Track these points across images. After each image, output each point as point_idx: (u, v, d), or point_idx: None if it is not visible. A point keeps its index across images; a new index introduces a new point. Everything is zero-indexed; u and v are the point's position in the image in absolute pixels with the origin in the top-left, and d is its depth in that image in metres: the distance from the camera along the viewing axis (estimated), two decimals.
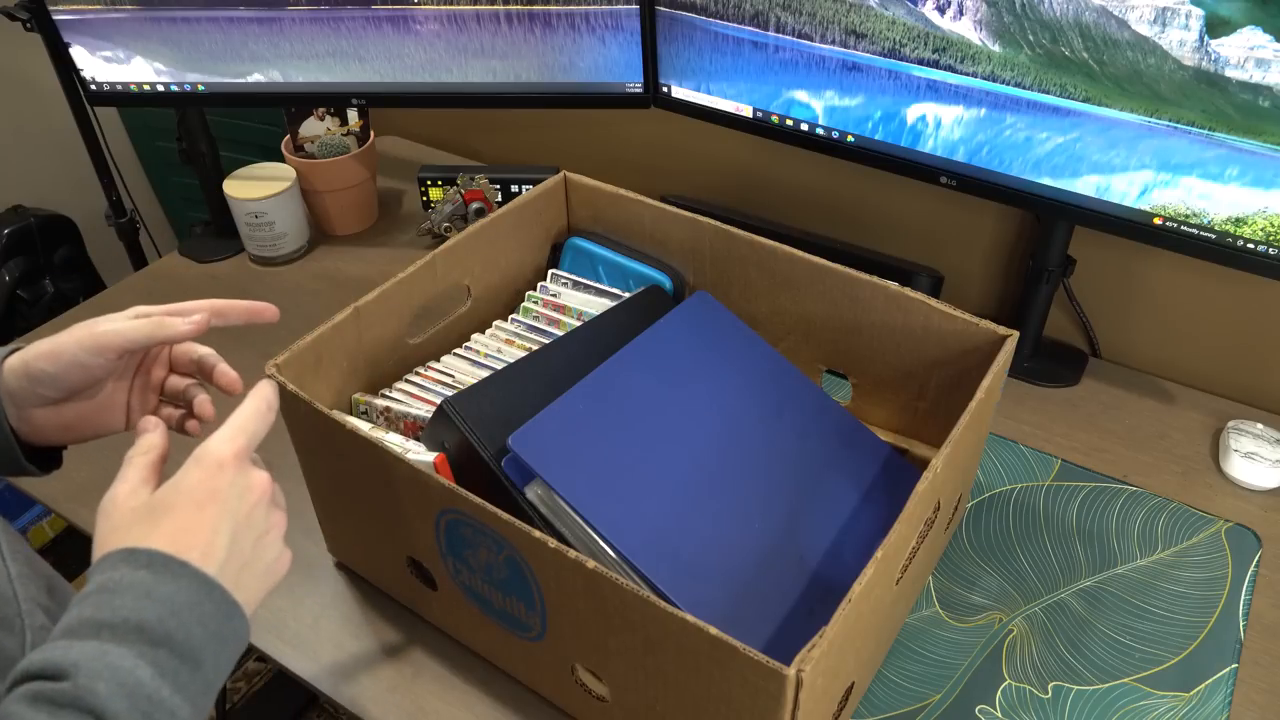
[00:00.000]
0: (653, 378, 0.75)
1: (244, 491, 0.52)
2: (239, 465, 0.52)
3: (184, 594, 0.47)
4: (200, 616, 0.47)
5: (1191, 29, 0.76)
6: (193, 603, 0.47)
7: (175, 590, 0.46)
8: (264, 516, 0.53)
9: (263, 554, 0.53)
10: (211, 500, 0.50)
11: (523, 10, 1.05)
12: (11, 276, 1.64)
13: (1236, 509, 0.89)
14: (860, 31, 0.91)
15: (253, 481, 0.53)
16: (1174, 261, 0.99)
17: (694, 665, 0.57)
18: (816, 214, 1.21)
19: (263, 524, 0.53)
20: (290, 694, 1.58)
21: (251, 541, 0.52)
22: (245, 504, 0.52)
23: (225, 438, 0.53)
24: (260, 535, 0.53)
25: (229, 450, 0.52)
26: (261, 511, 0.53)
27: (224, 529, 0.50)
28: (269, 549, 0.53)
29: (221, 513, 0.50)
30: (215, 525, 0.50)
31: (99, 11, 1.08)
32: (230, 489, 0.51)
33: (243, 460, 0.53)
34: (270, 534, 0.53)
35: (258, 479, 0.53)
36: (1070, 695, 0.74)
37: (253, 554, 0.52)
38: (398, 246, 1.26)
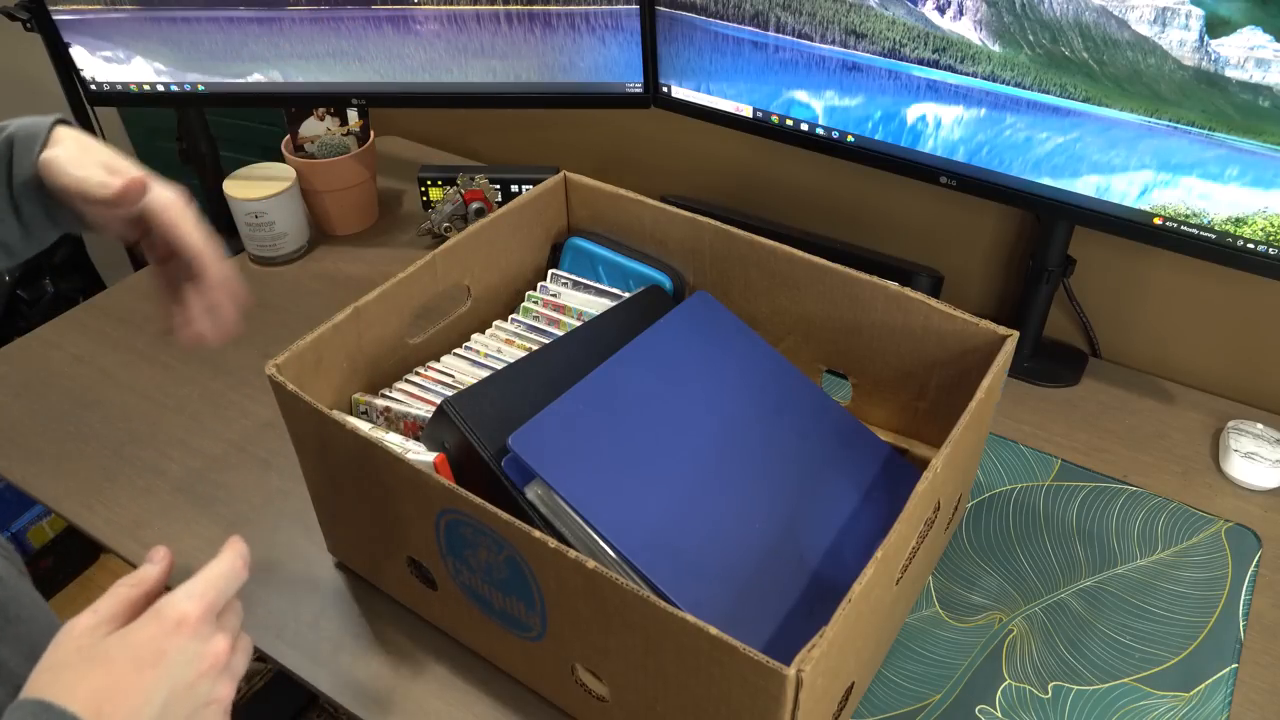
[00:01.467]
0: (653, 378, 0.75)
1: (194, 658, 0.49)
2: (197, 628, 0.49)
3: None
4: None
5: (1191, 29, 0.76)
6: None
7: None
8: (209, 688, 0.50)
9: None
10: (155, 662, 0.47)
11: (523, 10, 1.05)
12: (11, 276, 1.64)
13: (1236, 509, 0.89)
14: (860, 31, 0.91)
15: (206, 650, 0.49)
16: (1174, 261, 0.99)
17: (694, 665, 0.57)
18: (816, 214, 1.21)
19: (205, 695, 0.50)
20: (290, 694, 1.58)
21: (185, 714, 0.49)
22: (191, 672, 0.49)
23: (194, 593, 0.50)
24: (199, 707, 0.49)
25: (193, 609, 0.49)
26: (207, 683, 0.50)
27: (158, 698, 0.47)
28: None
29: (161, 677, 0.47)
30: (150, 693, 0.47)
31: (99, 11, 1.08)
32: (181, 653, 0.48)
33: (204, 623, 0.50)
34: (211, 707, 0.50)
35: (213, 647, 0.50)
36: (1070, 695, 0.74)
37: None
38: (398, 246, 1.26)
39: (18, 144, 0.65)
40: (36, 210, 0.67)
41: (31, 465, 0.95)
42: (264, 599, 0.82)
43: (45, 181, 0.65)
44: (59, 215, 0.68)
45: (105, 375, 1.06)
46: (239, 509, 0.90)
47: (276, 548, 0.87)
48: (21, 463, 0.95)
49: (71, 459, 0.96)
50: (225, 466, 0.95)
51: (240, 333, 0.71)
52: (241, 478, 0.93)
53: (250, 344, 1.10)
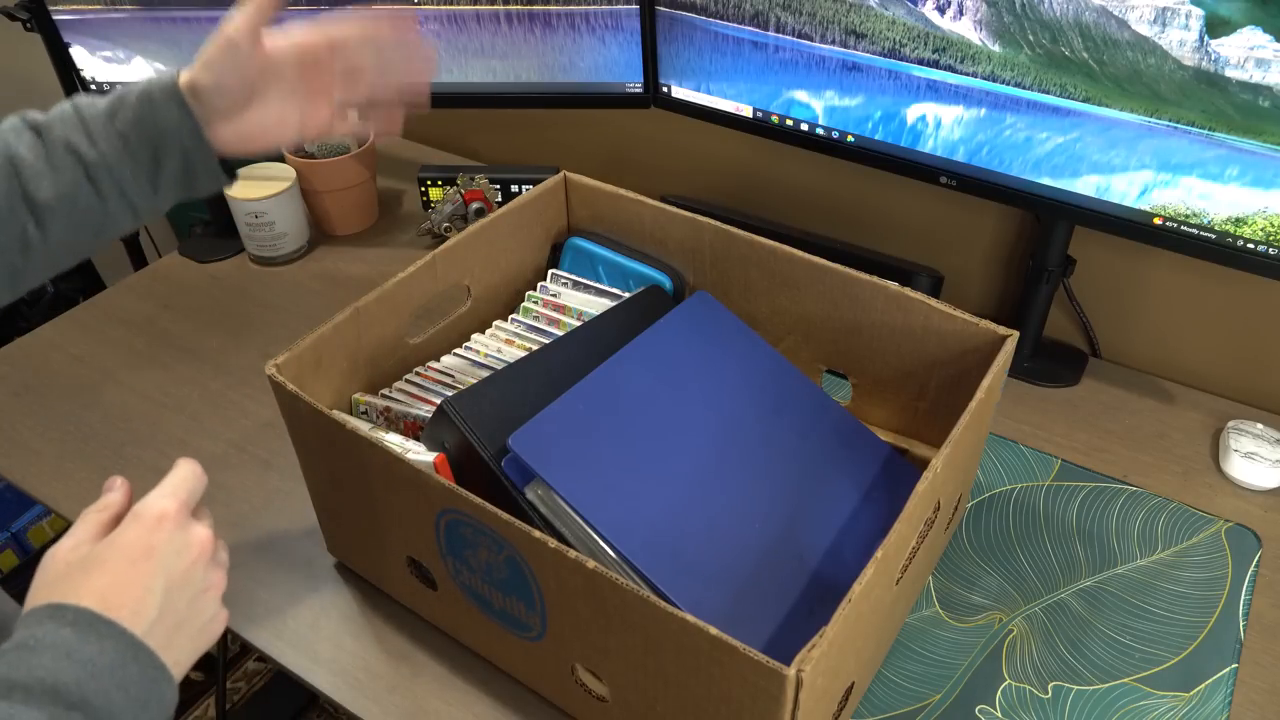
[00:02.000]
0: (653, 378, 0.75)
1: (182, 548, 0.51)
2: (179, 521, 0.51)
3: (107, 655, 0.45)
4: (122, 681, 0.45)
5: (1191, 29, 0.76)
6: (116, 665, 0.45)
7: (98, 651, 0.45)
8: (202, 575, 0.52)
9: (197, 614, 0.51)
10: (147, 556, 0.49)
11: (523, 10, 1.05)
12: None
13: (1236, 509, 0.89)
14: (860, 31, 0.91)
15: (192, 538, 0.51)
16: (1174, 261, 0.99)
17: (694, 665, 0.57)
18: (816, 214, 1.21)
19: (200, 582, 0.51)
20: (290, 694, 1.58)
21: (187, 600, 0.50)
22: (183, 561, 0.50)
23: (165, 493, 0.52)
24: (197, 594, 0.51)
25: (170, 504, 0.51)
26: (200, 570, 0.51)
27: (157, 586, 0.49)
28: (205, 608, 0.52)
29: (156, 569, 0.49)
30: (149, 583, 0.48)
31: (99, 11, 1.08)
32: (168, 545, 0.50)
33: (183, 515, 0.52)
34: (208, 593, 0.52)
35: (198, 535, 0.52)
36: (1070, 695, 0.74)
37: (187, 613, 0.50)
38: (398, 246, 1.26)
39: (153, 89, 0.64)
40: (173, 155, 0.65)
41: (31, 465, 0.95)
42: (264, 599, 0.82)
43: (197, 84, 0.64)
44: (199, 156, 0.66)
45: (105, 375, 1.06)
46: (239, 509, 0.90)
47: (276, 548, 0.87)
48: (21, 463, 0.95)
49: (71, 459, 0.96)
50: (225, 466, 0.95)
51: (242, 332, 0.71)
52: (241, 478, 0.93)
53: (250, 344, 1.10)
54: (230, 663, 1.63)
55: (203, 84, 0.64)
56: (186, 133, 0.64)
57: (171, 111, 0.64)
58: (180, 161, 0.65)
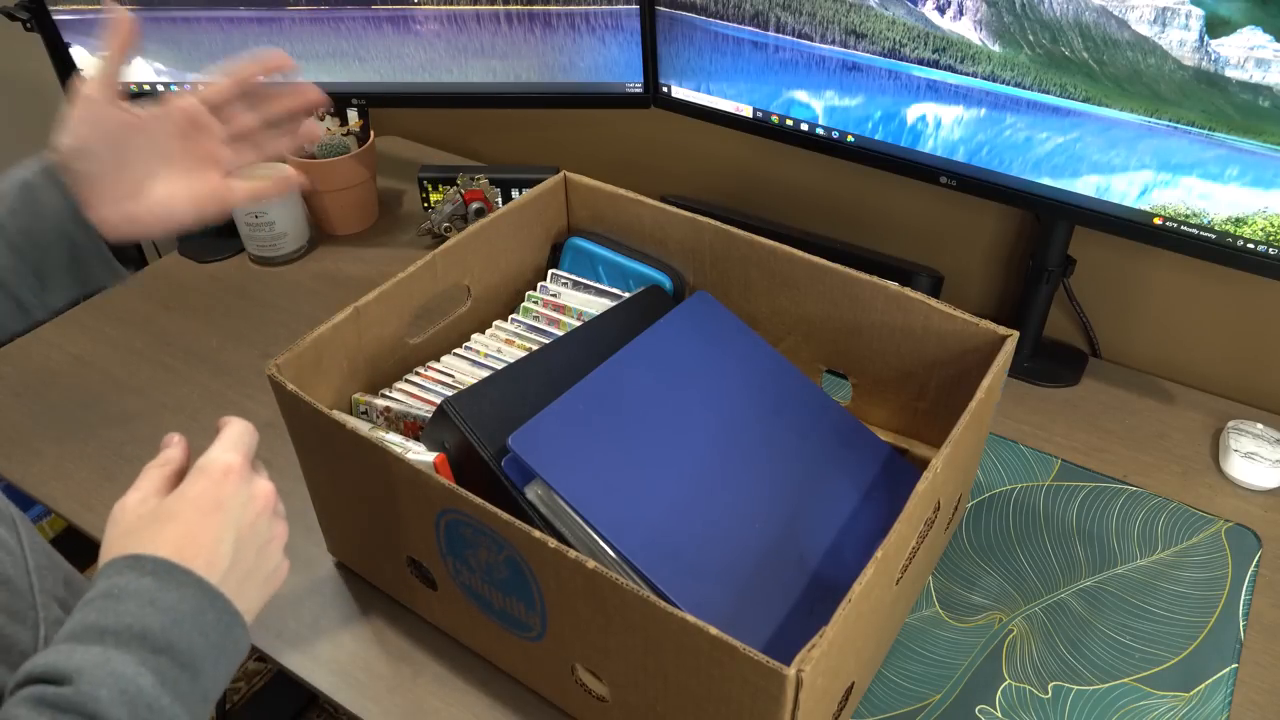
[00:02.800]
0: (653, 378, 0.75)
1: (248, 500, 0.53)
2: (243, 474, 0.53)
3: (187, 603, 0.47)
4: (202, 626, 0.47)
5: (1191, 29, 0.76)
6: (195, 612, 0.47)
7: (179, 599, 0.47)
8: (267, 526, 0.54)
9: (264, 563, 0.53)
10: (217, 509, 0.51)
11: (523, 10, 1.05)
12: None
13: (1236, 509, 0.89)
14: (860, 31, 0.91)
15: (256, 491, 0.54)
16: (1174, 261, 0.99)
17: (694, 665, 0.57)
18: (816, 214, 1.21)
19: (266, 533, 0.54)
20: (290, 694, 1.58)
21: (255, 550, 0.52)
22: (249, 513, 0.52)
23: (227, 447, 0.54)
24: (264, 544, 0.53)
25: (235, 459, 0.53)
26: (265, 521, 0.54)
27: (228, 537, 0.51)
28: (270, 558, 0.54)
29: (226, 521, 0.51)
30: (219, 534, 0.50)
31: (99, 11, 1.08)
32: (234, 498, 0.52)
33: (246, 469, 0.54)
34: (273, 543, 0.54)
35: (261, 488, 0.54)
36: (1070, 695, 0.74)
37: (255, 563, 0.52)
38: (398, 246, 1.26)
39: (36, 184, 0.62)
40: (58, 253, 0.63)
41: (31, 465, 0.95)
42: (263, 606, 0.82)
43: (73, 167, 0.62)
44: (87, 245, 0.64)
45: (105, 375, 1.06)
46: None
47: None
48: (21, 463, 0.95)
49: (71, 459, 0.96)
50: None
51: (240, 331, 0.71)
52: None
53: (250, 344, 1.10)
54: None
55: (67, 148, 0.62)
56: (68, 216, 0.62)
57: (51, 195, 0.62)
58: (66, 250, 0.63)
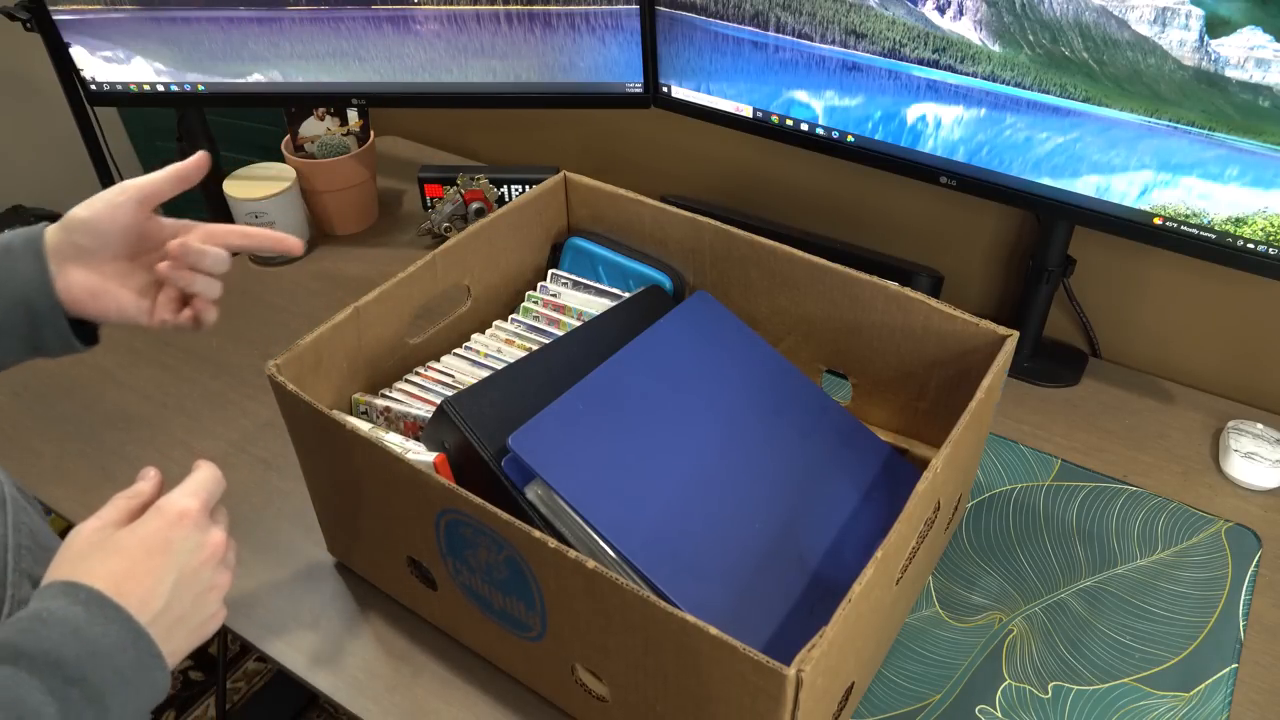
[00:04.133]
0: (653, 378, 0.75)
1: (197, 547, 0.54)
2: (198, 521, 0.55)
3: (110, 638, 0.48)
4: (119, 665, 0.48)
5: (1191, 29, 0.76)
6: (116, 649, 0.48)
7: (103, 633, 0.48)
8: (210, 574, 0.55)
9: (200, 610, 0.55)
10: (164, 550, 0.53)
11: (523, 10, 1.05)
12: None
13: (1236, 509, 0.89)
14: (860, 31, 0.91)
15: (207, 539, 0.55)
16: (1174, 261, 0.99)
17: (694, 665, 0.57)
18: (816, 214, 1.21)
19: (207, 580, 0.55)
20: (290, 694, 1.58)
21: (193, 596, 0.54)
22: (195, 559, 0.54)
23: (188, 491, 0.56)
24: (202, 591, 0.55)
25: (193, 503, 0.55)
26: (209, 570, 0.55)
27: (168, 580, 0.52)
28: (207, 606, 0.55)
29: (169, 564, 0.52)
30: (161, 575, 0.52)
31: (99, 11, 1.08)
32: (184, 542, 0.54)
33: (203, 515, 0.55)
34: (212, 592, 0.56)
35: (213, 537, 0.56)
36: (1070, 695, 0.74)
37: (191, 608, 0.54)
38: (398, 246, 1.26)
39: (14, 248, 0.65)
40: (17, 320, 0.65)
41: (31, 465, 0.95)
42: (264, 599, 0.82)
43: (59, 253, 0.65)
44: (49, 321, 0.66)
45: (105, 375, 1.06)
46: (239, 509, 0.90)
47: (276, 548, 0.87)
48: (21, 463, 0.95)
49: (71, 459, 0.96)
50: (225, 466, 0.94)
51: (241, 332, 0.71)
52: (241, 478, 0.93)
53: (250, 344, 1.10)
54: (230, 663, 1.63)
55: (81, 220, 0.65)
56: (35, 285, 0.65)
57: (26, 262, 0.65)
58: (24, 316, 0.65)
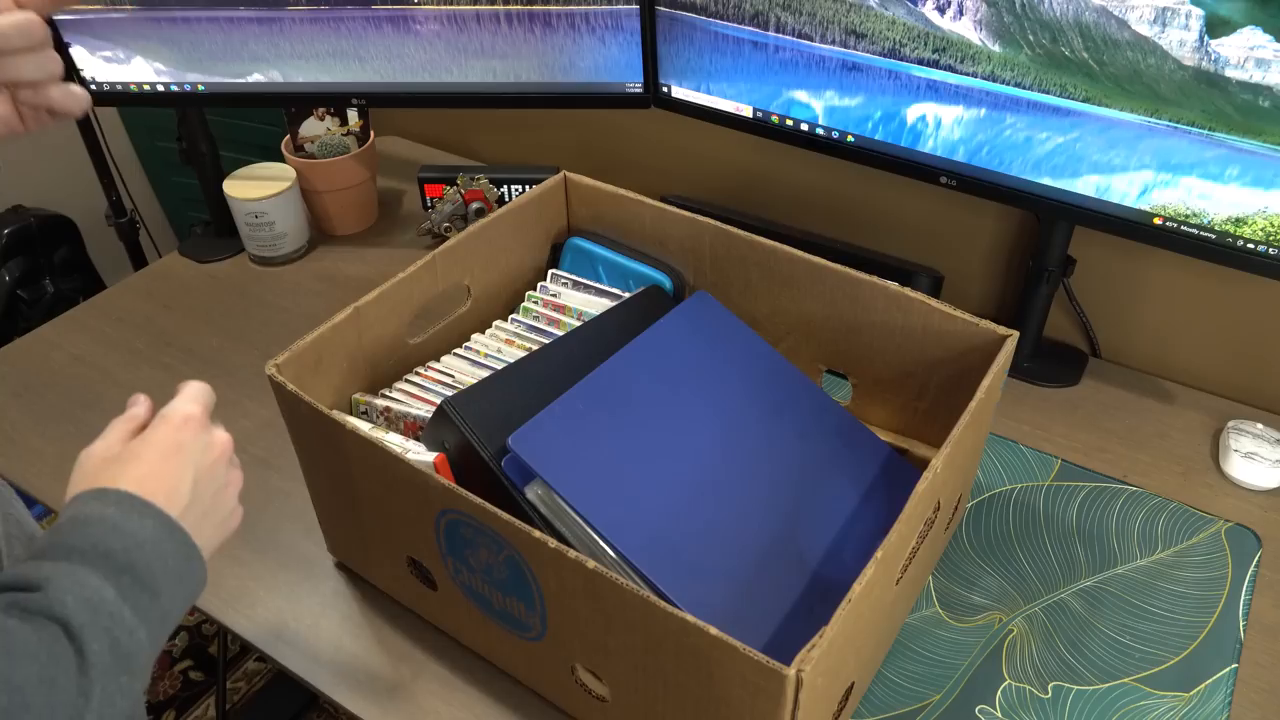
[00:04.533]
0: (653, 378, 0.75)
1: (207, 447, 0.56)
2: (202, 423, 0.57)
3: (148, 531, 0.50)
4: (162, 553, 0.50)
5: (1191, 29, 0.76)
6: (156, 539, 0.50)
7: (140, 527, 0.50)
8: (224, 471, 0.57)
9: (220, 506, 0.57)
10: (177, 452, 0.54)
11: (523, 10, 1.05)
12: (11, 276, 1.64)
13: (1236, 509, 0.89)
14: (860, 31, 0.91)
15: (215, 439, 0.57)
16: (1174, 261, 0.99)
17: (694, 665, 0.57)
18: (816, 214, 1.21)
19: (222, 478, 0.57)
20: (290, 694, 1.58)
21: (212, 493, 0.56)
22: (208, 458, 0.56)
23: (188, 398, 0.57)
24: (220, 488, 0.57)
25: (194, 409, 0.57)
26: (222, 467, 0.57)
27: (187, 478, 0.54)
28: (226, 502, 0.58)
29: (185, 463, 0.54)
30: (179, 474, 0.54)
31: (99, 11, 1.08)
32: (194, 443, 0.55)
33: (206, 418, 0.57)
34: (229, 489, 0.58)
35: (219, 436, 0.58)
36: (1070, 695, 0.74)
37: (212, 504, 0.56)
38: (398, 246, 1.26)
39: None
40: None
41: (31, 465, 0.95)
42: (264, 599, 0.82)
43: None
44: None
45: (105, 375, 1.06)
46: None
47: (276, 548, 0.87)
48: (21, 463, 0.95)
49: (71, 459, 0.95)
50: None
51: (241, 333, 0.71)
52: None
53: (250, 344, 1.10)
54: (230, 663, 1.63)
55: None
56: None
57: None
58: None
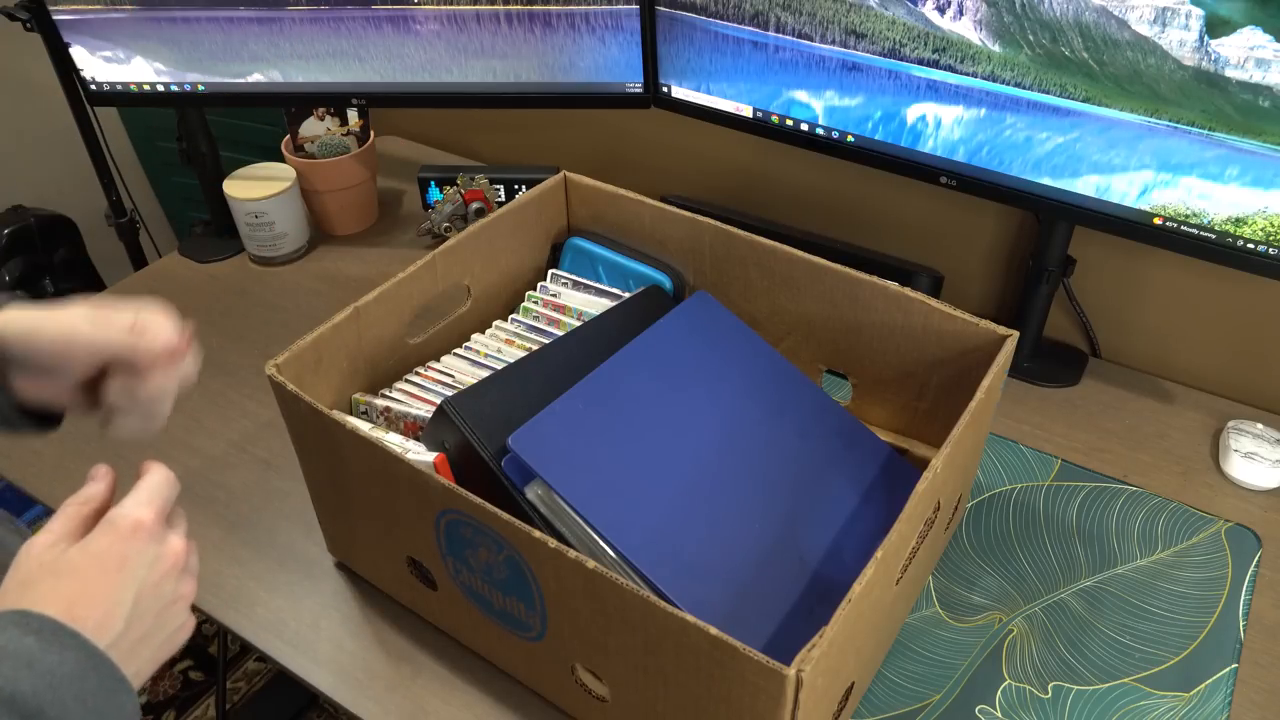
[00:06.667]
0: (653, 378, 0.75)
1: (155, 560, 0.51)
2: (154, 531, 0.51)
3: (67, 666, 0.45)
4: (80, 692, 0.45)
5: (1191, 29, 0.76)
6: (75, 676, 0.45)
7: (59, 661, 0.45)
8: (173, 586, 0.52)
9: (165, 624, 0.51)
10: (119, 568, 0.49)
11: (523, 10, 1.05)
12: (11, 276, 1.64)
13: (1236, 509, 0.89)
14: (860, 31, 0.91)
15: (166, 550, 0.51)
16: (1174, 261, 0.99)
17: (694, 665, 0.57)
18: (816, 214, 1.21)
19: (170, 593, 0.51)
20: (290, 694, 1.58)
21: (155, 613, 0.50)
22: (155, 573, 0.50)
23: (141, 501, 0.51)
24: (166, 606, 0.51)
25: (147, 514, 0.51)
26: (170, 582, 0.51)
27: (127, 599, 0.49)
28: (173, 619, 0.52)
29: (127, 582, 0.49)
30: (118, 595, 0.48)
31: (99, 11, 1.08)
32: (140, 556, 0.50)
33: (158, 525, 0.51)
34: (177, 604, 0.52)
35: (172, 547, 0.52)
36: (1070, 695, 0.74)
37: (155, 624, 0.50)
38: (398, 246, 1.26)
39: None
40: None
41: (31, 465, 0.95)
42: (264, 599, 0.82)
43: None
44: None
45: None
46: (239, 509, 0.90)
47: (276, 548, 0.87)
48: (21, 463, 0.95)
49: (71, 459, 0.96)
50: (225, 466, 0.95)
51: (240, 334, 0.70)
52: (241, 478, 0.93)
53: (250, 344, 1.10)
54: (230, 663, 1.63)
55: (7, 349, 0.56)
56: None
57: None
58: None
